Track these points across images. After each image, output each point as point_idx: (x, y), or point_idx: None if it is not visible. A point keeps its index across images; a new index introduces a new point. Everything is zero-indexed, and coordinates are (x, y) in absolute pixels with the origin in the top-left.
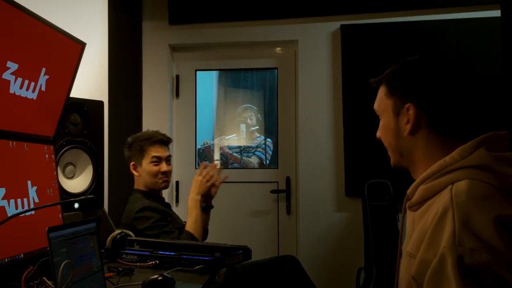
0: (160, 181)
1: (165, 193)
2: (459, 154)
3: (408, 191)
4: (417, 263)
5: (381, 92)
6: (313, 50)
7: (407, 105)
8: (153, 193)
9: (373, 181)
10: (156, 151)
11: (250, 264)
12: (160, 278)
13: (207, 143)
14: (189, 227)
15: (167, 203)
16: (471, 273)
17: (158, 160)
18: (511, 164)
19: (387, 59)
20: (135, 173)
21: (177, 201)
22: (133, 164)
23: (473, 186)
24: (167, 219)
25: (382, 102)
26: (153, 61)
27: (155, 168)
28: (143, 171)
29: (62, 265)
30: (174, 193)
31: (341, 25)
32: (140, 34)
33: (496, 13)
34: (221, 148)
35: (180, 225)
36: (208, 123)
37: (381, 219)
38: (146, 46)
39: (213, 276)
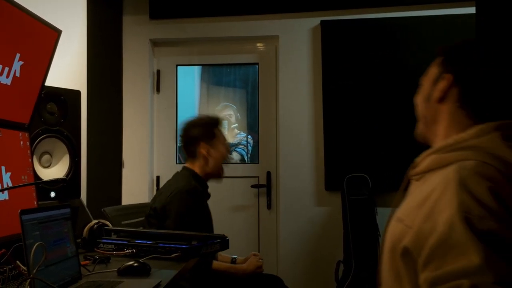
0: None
1: (145, 189)
2: (475, 132)
3: (417, 158)
4: (414, 234)
5: (435, 62)
6: (293, 46)
7: (447, 74)
8: (204, 180)
9: (352, 175)
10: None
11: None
12: (135, 264)
13: None
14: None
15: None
16: (481, 237)
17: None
18: None
19: (366, 54)
20: (204, 153)
21: None
22: (203, 144)
23: (480, 166)
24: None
25: (430, 69)
26: (134, 56)
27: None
28: (216, 154)
29: (35, 246)
30: (155, 188)
31: (321, 21)
32: (120, 28)
33: (471, 9)
34: None
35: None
36: None
37: (360, 213)
38: (127, 40)
39: (189, 265)
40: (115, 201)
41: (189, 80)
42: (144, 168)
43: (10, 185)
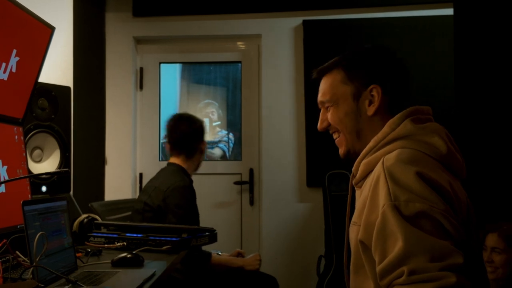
0: None
1: (128, 185)
2: (389, 127)
3: (353, 168)
4: (363, 227)
5: (334, 79)
6: (276, 45)
7: (371, 86)
8: (190, 176)
9: (333, 172)
10: None
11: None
12: (129, 255)
13: None
14: (216, 257)
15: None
16: (410, 221)
17: None
18: (434, 133)
19: None
20: (202, 148)
21: None
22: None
23: (402, 153)
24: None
25: (337, 89)
26: (117, 53)
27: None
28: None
29: (38, 235)
30: (138, 185)
31: (303, 21)
32: (103, 25)
33: (449, 11)
34: None
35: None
36: None
37: (341, 208)
38: (110, 38)
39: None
40: (98, 197)
41: (170, 78)
42: (127, 165)
43: (7, 178)
